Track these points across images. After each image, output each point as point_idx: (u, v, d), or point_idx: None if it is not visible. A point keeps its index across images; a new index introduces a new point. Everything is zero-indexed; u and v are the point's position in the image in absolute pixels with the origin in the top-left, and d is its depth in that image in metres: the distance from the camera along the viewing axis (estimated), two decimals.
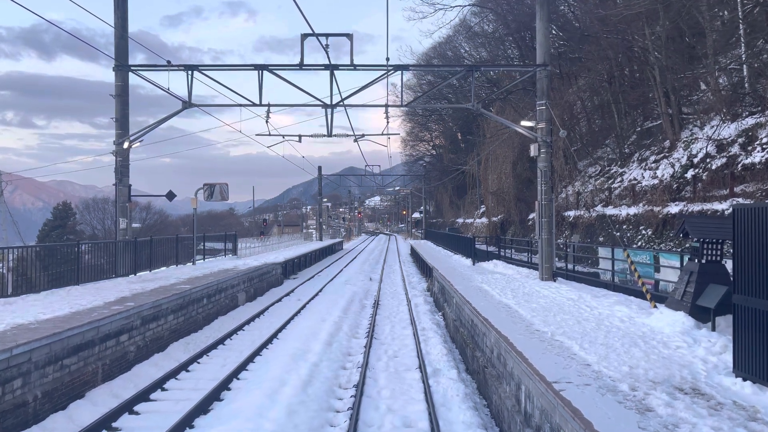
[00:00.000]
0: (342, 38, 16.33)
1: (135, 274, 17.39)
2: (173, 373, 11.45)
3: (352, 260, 46.04)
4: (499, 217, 47.54)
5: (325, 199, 73.13)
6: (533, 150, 16.61)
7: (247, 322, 17.45)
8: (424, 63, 67.39)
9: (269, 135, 18.23)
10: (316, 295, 23.80)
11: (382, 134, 18.09)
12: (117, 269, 16.80)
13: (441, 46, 59.57)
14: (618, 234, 25.31)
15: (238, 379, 11.36)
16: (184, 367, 12.03)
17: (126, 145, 16.68)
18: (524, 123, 16.86)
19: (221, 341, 14.68)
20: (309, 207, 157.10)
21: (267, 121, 17.29)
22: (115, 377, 11.11)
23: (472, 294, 14.56)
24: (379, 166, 55.88)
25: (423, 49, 60.34)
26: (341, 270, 36.22)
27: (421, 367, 11.86)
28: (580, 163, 37.10)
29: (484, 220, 54.84)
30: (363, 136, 18.62)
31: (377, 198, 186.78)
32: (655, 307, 10.70)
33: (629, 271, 14.28)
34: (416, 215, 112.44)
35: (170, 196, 19.13)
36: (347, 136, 18.12)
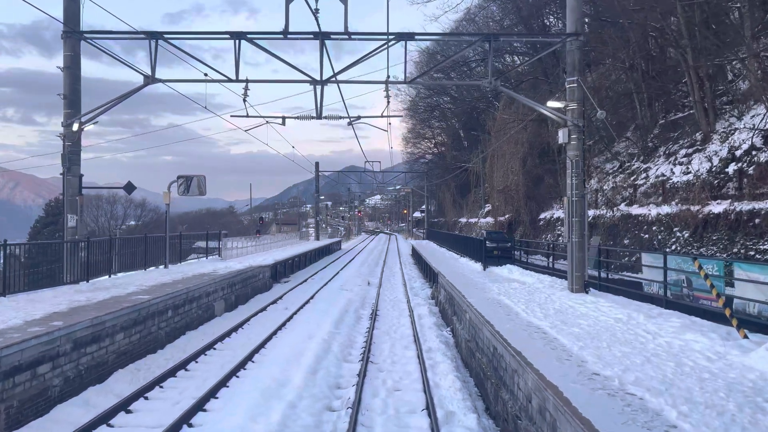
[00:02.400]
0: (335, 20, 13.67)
1: (87, 281, 14.67)
2: (105, 417, 8.74)
3: (350, 261, 43.33)
4: (506, 216, 44.81)
5: (323, 196, 70.46)
6: (562, 136, 13.90)
7: (221, 338, 14.76)
8: (427, 57, 64.40)
9: (247, 116, 15.52)
10: (307, 302, 21.11)
11: (382, 116, 15.38)
12: (64, 275, 14.09)
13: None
14: (647, 236, 22.63)
15: (189, 426, 8.66)
16: (124, 406, 9.32)
17: (76, 127, 13.95)
18: (552, 104, 14.14)
19: (183, 365, 11.99)
20: (309, 206, 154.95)
21: (245, 100, 14.56)
22: (24, 425, 8.41)
23: (491, 310, 11.86)
24: (380, 162, 53.14)
25: (426, 44, 57.07)
26: (337, 273, 33.50)
27: (429, 409, 9.16)
28: (596, 159, 34.36)
29: (490, 219, 52.12)
30: (359, 118, 15.86)
31: (378, 197, 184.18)
32: (745, 337, 7.99)
33: (685, 284, 11.58)
34: (417, 214, 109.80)
35: (129, 188, 16.41)
36: (340, 118, 15.39)
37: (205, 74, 14.10)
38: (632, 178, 27.34)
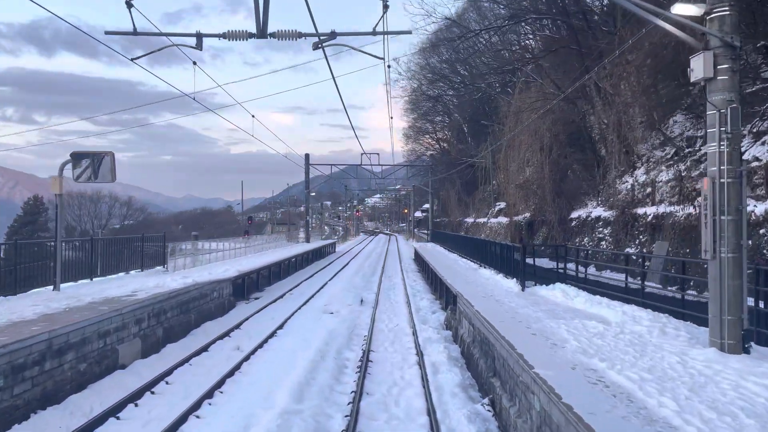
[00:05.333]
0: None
1: None
2: None
3: (343, 268, 37.05)
4: (524, 216, 38.56)
5: (314, 194, 64.27)
6: (700, 67, 7.71)
7: (100, 421, 8.56)
8: (431, 47, 57.33)
9: (134, 33, 9.12)
10: (273, 335, 14.94)
11: (374, 32, 9.01)
12: None
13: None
14: (749, 243, 16.47)
15: None
16: None
17: None
18: (680, 7, 7.89)
19: None
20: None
21: (129, 4, 8.28)
22: None
23: (600, 407, 5.61)
24: (378, 155, 46.93)
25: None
26: (325, 284, 27.25)
27: None
28: (640, 146, 28.09)
29: (503, 219, 45.82)
30: (334, 36, 9.39)
31: (377, 196, 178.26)
32: None
33: None
34: (418, 214, 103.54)
35: None
36: (301, 35, 9.00)
37: None
38: (702, 166, 21.15)
